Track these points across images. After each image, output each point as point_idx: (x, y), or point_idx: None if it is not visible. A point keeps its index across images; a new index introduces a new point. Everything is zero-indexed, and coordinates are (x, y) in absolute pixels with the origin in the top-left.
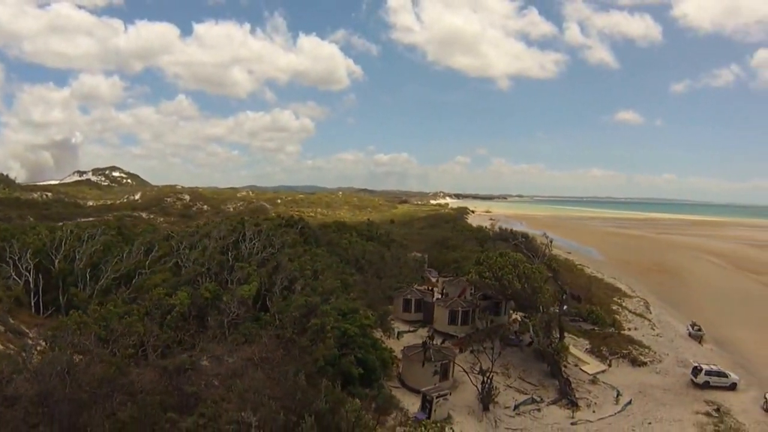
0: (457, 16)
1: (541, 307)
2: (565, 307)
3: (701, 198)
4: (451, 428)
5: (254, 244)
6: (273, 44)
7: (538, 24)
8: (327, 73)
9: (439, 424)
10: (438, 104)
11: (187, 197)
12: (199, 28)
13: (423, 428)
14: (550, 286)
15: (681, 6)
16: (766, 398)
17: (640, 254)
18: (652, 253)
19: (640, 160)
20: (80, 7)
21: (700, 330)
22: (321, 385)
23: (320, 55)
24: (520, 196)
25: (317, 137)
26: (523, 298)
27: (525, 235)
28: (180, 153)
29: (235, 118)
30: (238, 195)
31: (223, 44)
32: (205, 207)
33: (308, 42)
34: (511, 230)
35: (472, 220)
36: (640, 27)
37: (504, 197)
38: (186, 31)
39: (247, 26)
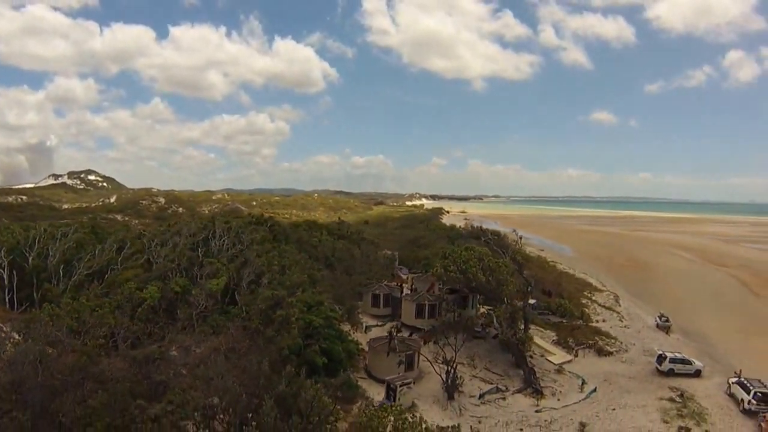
0: (432, 19)
1: (505, 299)
2: (534, 301)
3: (676, 196)
4: (415, 414)
5: (224, 241)
6: (249, 47)
7: (512, 26)
8: (302, 75)
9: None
10: (414, 106)
11: (163, 200)
12: (175, 31)
13: (386, 412)
14: (515, 279)
15: (654, 8)
16: (729, 384)
17: (613, 250)
18: (625, 250)
19: (615, 160)
20: (55, 8)
21: (667, 321)
22: (284, 371)
23: (296, 58)
24: (496, 196)
25: (293, 140)
26: (488, 291)
27: (496, 233)
28: (156, 156)
29: (211, 121)
30: (214, 197)
31: (199, 47)
32: (181, 209)
33: (284, 45)
34: (481, 227)
35: (447, 221)
36: (614, 29)
37: (480, 198)
38: (162, 34)
39: (223, 29)
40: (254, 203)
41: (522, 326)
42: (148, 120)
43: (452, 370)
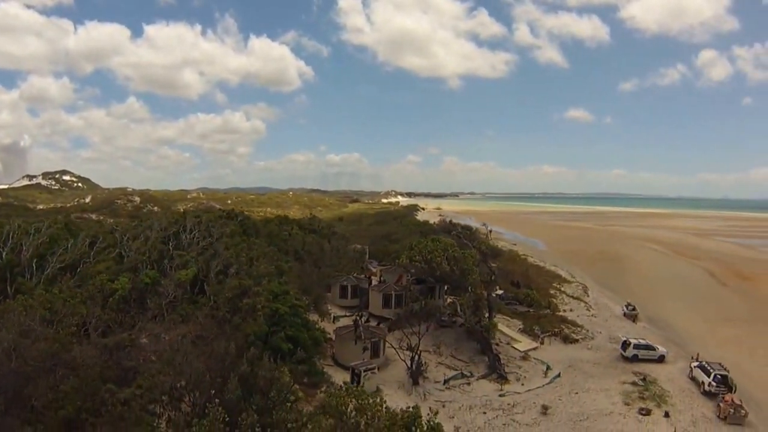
0: (408, 17)
1: (469, 288)
2: (501, 291)
3: (650, 192)
4: (378, 397)
5: (194, 234)
6: (224, 46)
7: (487, 25)
8: (278, 74)
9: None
10: (389, 104)
11: (138, 199)
12: (150, 30)
13: (348, 393)
14: (479, 268)
15: (628, 8)
16: (691, 368)
17: (585, 244)
18: (597, 244)
19: (590, 157)
20: (29, 6)
21: (634, 310)
22: (247, 353)
23: (271, 56)
24: (472, 193)
25: (268, 138)
26: (453, 280)
27: (467, 227)
28: (131, 156)
29: (186, 120)
30: (189, 196)
31: (174, 46)
32: (156, 208)
33: (259, 43)
34: (452, 222)
35: (421, 217)
36: (589, 28)
37: (456, 195)
38: (137, 33)
39: (198, 28)
40: (229, 202)
41: (486, 314)
42: (123, 119)
43: (416, 357)
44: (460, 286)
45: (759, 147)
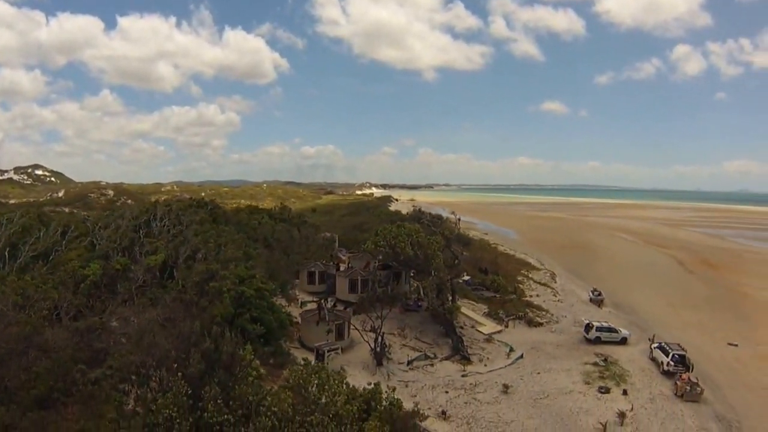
0: (383, 10)
1: (433, 272)
2: (468, 277)
3: (625, 184)
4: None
5: (164, 222)
6: (199, 38)
7: (463, 17)
8: (253, 66)
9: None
10: (364, 96)
11: (111, 193)
12: (124, 22)
13: (311, 370)
14: (443, 253)
15: (603, 2)
16: (651, 348)
17: (557, 234)
18: (569, 233)
19: (565, 149)
20: None
21: (600, 295)
22: (211, 331)
23: (246, 48)
24: (447, 185)
25: (243, 131)
26: (417, 264)
27: (438, 216)
28: (105, 149)
29: (161, 113)
30: (163, 189)
31: (148, 38)
32: (130, 202)
33: (234, 36)
34: (421, 210)
35: (395, 208)
36: (564, 21)
37: (431, 186)
38: (110, 25)
39: (173, 20)
40: (203, 195)
41: (450, 297)
42: (96, 112)
43: (380, 338)
44: (424, 270)
45: (731, 141)
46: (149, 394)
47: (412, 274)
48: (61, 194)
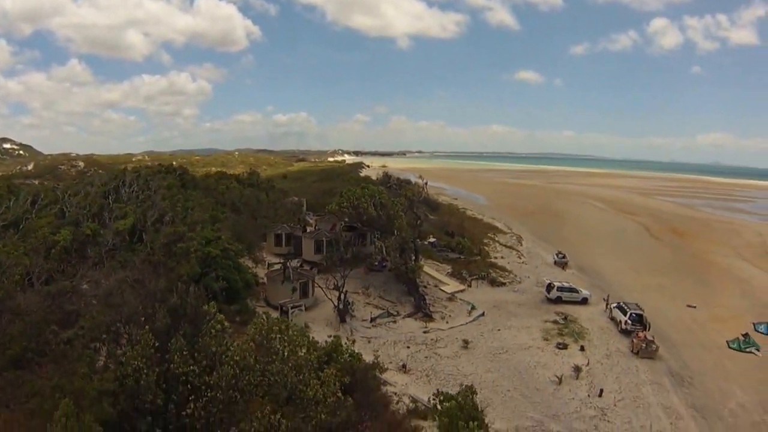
0: None
1: (396, 232)
2: (434, 239)
3: (600, 153)
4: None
5: (133, 188)
6: (169, 5)
7: None
8: (225, 34)
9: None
10: (337, 64)
11: (82, 164)
12: None
13: (273, 323)
14: (407, 215)
15: None
16: (611, 308)
17: (527, 200)
18: (540, 200)
19: (540, 118)
20: None
21: (564, 258)
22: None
23: (218, 15)
24: (420, 152)
25: (215, 100)
26: (380, 225)
27: (407, 181)
28: (74, 121)
29: (131, 82)
30: (134, 159)
31: (118, 5)
32: (101, 172)
33: (205, 2)
34: (388, 174)
35: (365, 174)
36: None
37: (404, 153)
38: None
39: None
40: (174, 164)
41: (413, 257)
42: (65, 83)
43: (343, 296)
44: (388, 230)
45: (706, 115)
46: (119, 349)
47: (377, 236)
48: (30, 167)
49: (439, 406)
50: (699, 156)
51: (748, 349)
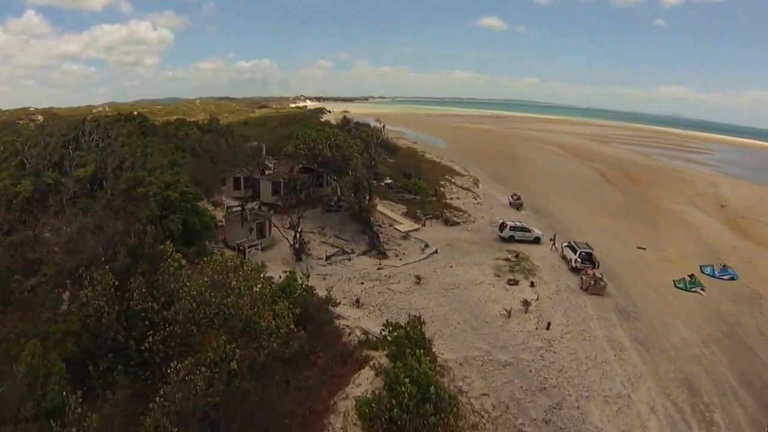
0: None
1: (351, 172)
2: (390, 180)
3: (562, 101)
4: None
5: (93, 137)
6: None
7: None
8: None
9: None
10: (300, 9)
11: (41, 118)
12: None
13: (227, 259)
14: (362, 156)
15: None
16: (561, 247)
17: (487, 145)
18: (499, 144)
19: (503, 64)
20: None
21: (519, 199)
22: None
23: None
24: (382, 97)
25: (177, 48)
26: (336, 165)
27: (366, 125)
28: (32, 74)
29: (90, 32)
30: (95, 111)
31: None
32: (61, 124)
33: None
34: (347, 119)
35: (327, 119)
36: None
37: (366, 99)
38: None
39: None
40: (135, 113)
41: (367, 197)
42: (21, 35)
43: (299, 235)
44: (343, 171)
45: (668, 67)
46: (81, 291)
47: (333, 177)
48: None
49: (388, 336)
50: (660, 108)
51: (693, 289)
